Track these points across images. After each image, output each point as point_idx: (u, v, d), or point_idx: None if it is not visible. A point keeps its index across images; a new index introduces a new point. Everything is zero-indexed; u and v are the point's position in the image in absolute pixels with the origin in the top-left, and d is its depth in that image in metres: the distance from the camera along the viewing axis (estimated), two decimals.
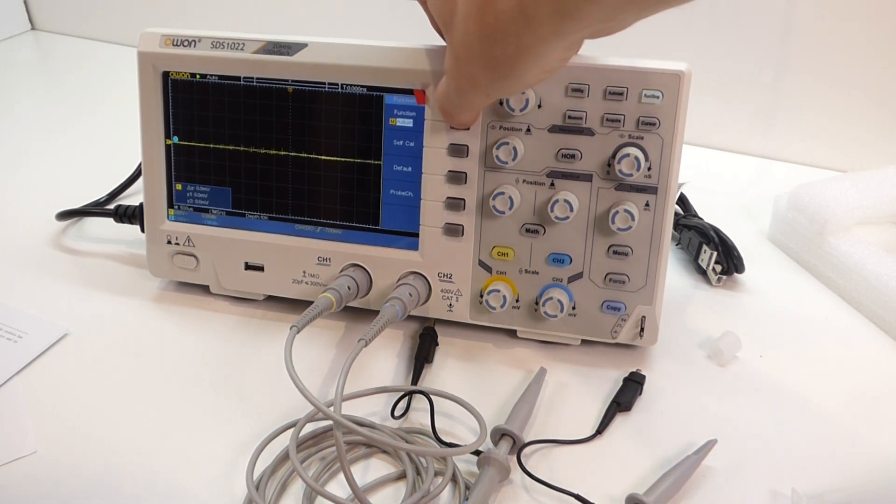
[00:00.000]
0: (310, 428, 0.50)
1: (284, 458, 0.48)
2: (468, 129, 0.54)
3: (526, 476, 0.47)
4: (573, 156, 0.53)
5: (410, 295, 0.55)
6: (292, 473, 0.48)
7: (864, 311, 0.62)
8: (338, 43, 0.56)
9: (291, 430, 0.48)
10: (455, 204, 0.55)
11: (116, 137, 0.88)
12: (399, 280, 0.57)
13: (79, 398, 0.54)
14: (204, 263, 0.61)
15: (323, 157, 0.58)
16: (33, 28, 1.21)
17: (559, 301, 0.54)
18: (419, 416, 0.52)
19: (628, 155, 0.52)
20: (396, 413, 0.52)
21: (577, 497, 0.46)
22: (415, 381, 0.55)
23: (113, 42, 1.15)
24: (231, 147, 0.59)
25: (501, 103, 0.53)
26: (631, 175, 0.52)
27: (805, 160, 0.83)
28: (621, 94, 0.51)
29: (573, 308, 0.55)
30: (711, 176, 0.80)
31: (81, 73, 1.09)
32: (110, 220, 0.67)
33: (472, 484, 0.47)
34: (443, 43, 0.55)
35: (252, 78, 0.57)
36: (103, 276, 0.65)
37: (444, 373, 0.56)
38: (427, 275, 0.57)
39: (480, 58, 0.43)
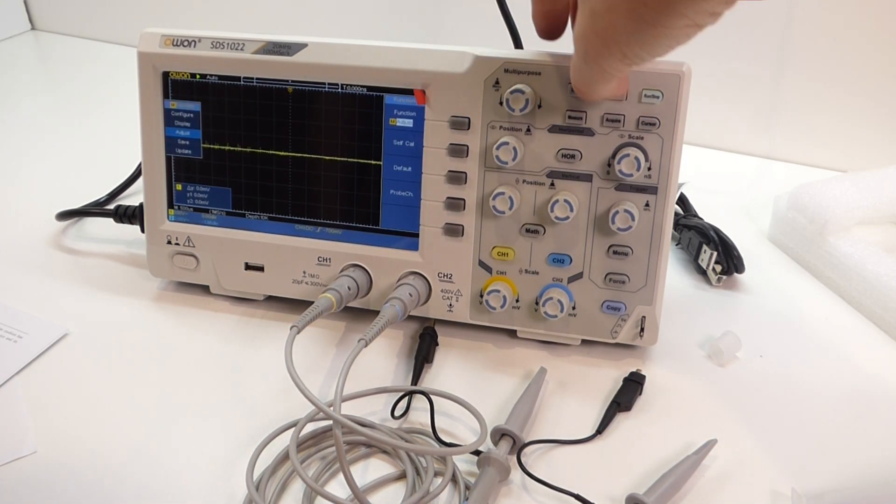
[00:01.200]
0: (310, 428, 0.50)
1: (284, 458, 0.48)
2: (621, 99, 0.51)
3: (526, 476, 0.47)
4: (573, 156, 0.53)
5: (410, 295, 0.55)
6: (292, 473, 0.48)
7: (864, 311, 0.62)
8: (338, 43, 0.56)
9: (291, 430, 0.48)
10: (455, 204, 0.55)
11: (116, 137, 0.88)
12: (399, 280, 0.57)
13: (79, 398, 0.54)
14: (204, 263, 0.61)
15: (323, 158, 0.58)
16: (33, 28, 1.21)
17: (559, 301, 0.54)
18: (419, 416, 0.52)
19: (628, 155, 0.52)
20: (396, 413, 0.52)
21: (577, 497, 0.46)
22: (415, 381, 0.55)
23: (113, 42, 1.15)
24: (231, 147, 0.59)
25: (501, 102, 0.53)
26: (631, 175, 0.52)
27: (805, 160, 0.83)
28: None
29: (573, 308, 0.55)
30: (711, 176, 0.80)
31: (81, 73, 1.09)
32: (110, 220, 0.67)
33: (472, 484, 0.47)
34: (442, 45, 0.55)
35: (252, 78, 0.57)
36: (103, 276, 0.65)
37: (444, 373, 0.56)
38: (427, 275, 0.57)
39: (625, 2, 0.39)
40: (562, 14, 0.50)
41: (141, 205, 0.64)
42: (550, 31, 0.51)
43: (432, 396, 0.52)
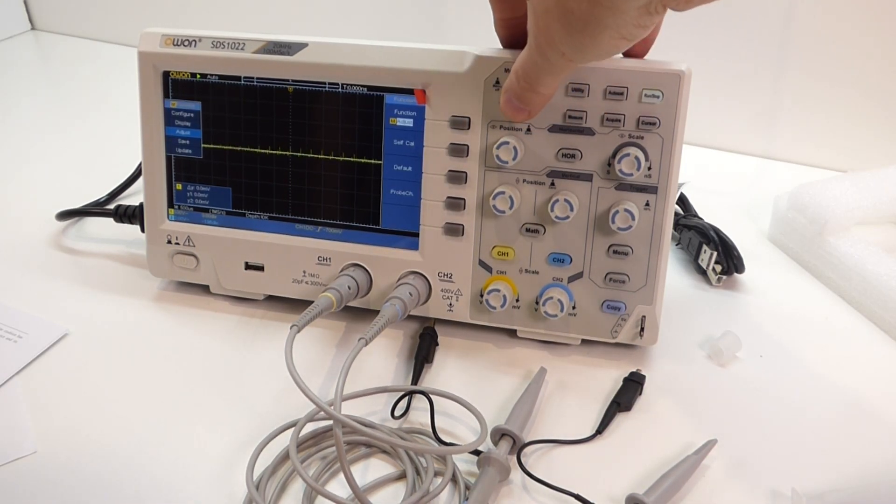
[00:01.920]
0: (310, 428, 0.50)
1: (284, 457, 0.48)
2: (530, 115, 0.51)
3: (526, 476, 0.47)
4: (573, 155, 0.53)
5: (410, 295, 0.55)
6: (292, 473, 0.48)
7: (864, 311, 0.62)
8: (338, 43, 0.56)
9: (292, 430, 0.48)
10: (455, 204, 0.55)
11: (116, 137, 0.88)
12: (399, 280, 0.57)
13: (79, 398, 0.54)
14: (204, 263, 0.61)
15: (323, 157, 0.58)
16: (33, 28, 1.21)
17: (559, 301, 0.54)
18: (419, 415, 0.52)
19: (628, 155, 0.52)
20: (396, 413, 0.52)
21: (577, 497, 0.46)
22: (415, 381, 0.55)
23: (113, 42, 1.15)
24: (231, 147, 0.59)
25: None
26: (631, 175, 0.52)
27: (805, 160, 0.83)
28: (621, 93, 0.51)
29: (573, 308, 0.55)
30: (711, 176, 0.80)
31: (81, 73, 1.09)
32: (110, 220, 0.67)
33: (472, 484, 0.47)
34: (442, 45, 0.55)
35: (252, 78, 0.57)
36: (103, 276, 0.65)
37: (444, 373, 0.56)
38: (427, 274, 0.57)
39: (556, 8, 0.41)
40: (521, 21, 0.50)
41: (141, 205, 0.64)
42: (512, 38, 0.52)
43: (432, 396, 0.52)
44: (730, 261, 0.64)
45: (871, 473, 0.49)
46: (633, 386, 0.54)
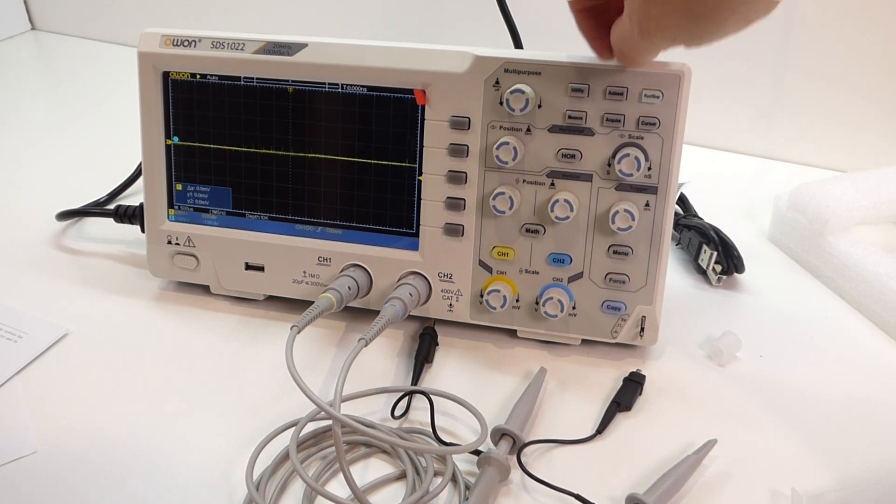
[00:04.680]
0: (310, 428, 0.50)
1: (284, 458, 0.48)
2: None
3: (526, 476, 0.47)
4: (573, 156, 0.53)
5: (411, 295, 0.55)
6: (292, 473, 0.48)
7: (864, 311, 0.62)
8: (338, 43, 0.56)
9: (292, 430, 0.48)
10: (455, 204, 0.55)
11: (116, 137, 0.88)
12: (399, 280, 0.57)
13: (79, 398, 0.54)
14: (204, 263, 0.61)
15: (323, 157, 0.58)
16: (33, 28, 1.21)
17: (559, 301, 0.54)
18: (419, 415, 0.52)
19: (628, 155, 0.52)
20: (396, 413, 0.52)
21: (577, 497, 0.46)
22: (415, 381, 0.55)
23: (113, 42, 1.15)
24: (231, 147, 0.59)
25: (501, 102, 0.53)
26: (631, 175, 0.52)
27: (805, 160, 0.83)
28: (621, 94, 0.51)
29: (573, 308, 0.55)
30: (711, 176, 0.80)
31: (81, 73, 1.09)
32: (110, 220, 0.67)
33: (472, 484, 0.47)
34: (442, 45, 0.55)
35: (252, 78, 0.57)
36: (103, 276, 0.65)
37: (444, 373, 0.56)
38: (427, 275, 0.57)
39: None
40: (600, 7, 0.49)
41: (141, 205, 0.64)
42: (593, 26, 0.50)
43: (432, 396, 0.52)
44: (730, 261, 0.64)
45: (871, 473, 0.49)
46: (633, 386, 0.54)
